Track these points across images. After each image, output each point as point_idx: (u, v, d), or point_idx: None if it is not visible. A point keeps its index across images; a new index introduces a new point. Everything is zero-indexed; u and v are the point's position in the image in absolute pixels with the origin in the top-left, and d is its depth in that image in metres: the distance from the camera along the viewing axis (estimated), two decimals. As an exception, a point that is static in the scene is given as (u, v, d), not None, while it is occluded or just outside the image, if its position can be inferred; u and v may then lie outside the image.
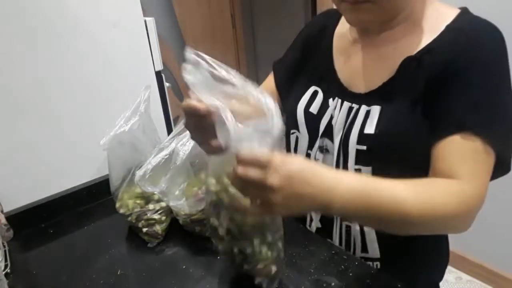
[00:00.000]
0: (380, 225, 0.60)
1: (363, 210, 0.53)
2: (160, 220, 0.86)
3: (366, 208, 0.53)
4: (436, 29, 0.63)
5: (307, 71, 0.81)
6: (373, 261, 0.75)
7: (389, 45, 0.68)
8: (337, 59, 0.76)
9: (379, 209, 0.53)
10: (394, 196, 0.53)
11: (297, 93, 0.79)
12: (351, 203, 0.52)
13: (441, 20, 0.64)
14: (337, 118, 0.71)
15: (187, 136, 0.81)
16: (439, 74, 0.60)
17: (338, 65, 0.75)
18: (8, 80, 0.90)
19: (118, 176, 0.92)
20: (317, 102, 0.75)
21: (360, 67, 0.71)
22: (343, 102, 0.71)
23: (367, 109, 0.67)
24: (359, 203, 0.52)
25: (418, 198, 0.54)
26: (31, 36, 0.91)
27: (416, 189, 0.55)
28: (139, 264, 0.81)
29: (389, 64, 0.66)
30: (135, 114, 0.95)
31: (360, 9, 0.61)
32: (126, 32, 1.06)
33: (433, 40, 0.63)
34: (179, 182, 0.82)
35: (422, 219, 0.54)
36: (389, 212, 0.53)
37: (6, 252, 0.84)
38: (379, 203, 0.53)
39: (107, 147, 0.90)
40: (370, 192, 0.53)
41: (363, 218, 0.58)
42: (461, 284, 1.79)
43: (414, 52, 0.64)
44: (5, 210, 0.93)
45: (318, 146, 0.74)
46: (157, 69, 1.16)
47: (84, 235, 0.94)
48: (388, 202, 0.53)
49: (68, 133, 1.01)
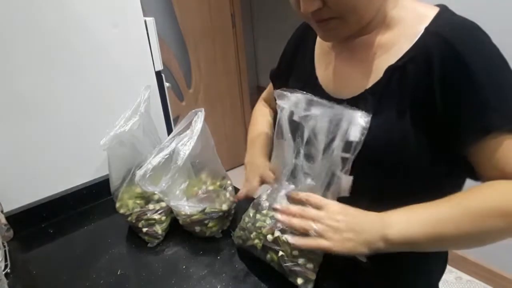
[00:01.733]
0: (446, 247, 0.65)
1: (421, 236, 0.55)
2: (160, 220, 0.86)
3: (426, 233, 0.55)
4: (415, 32, 0.61)
5: (293, 78, 0.81)
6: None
7: (367, 50, 0.66)
8: (319, 66, 0.75)
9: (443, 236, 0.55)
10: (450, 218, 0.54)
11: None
12: (399, 239, 0.55)
13: (419, 22, 0.61)
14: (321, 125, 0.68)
15: (188, 136, 0.81)
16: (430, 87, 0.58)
17: (319, 72, 0.75)
18: (8, 81, 0.90)
19: (118, 176, 0.92)
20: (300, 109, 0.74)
21: (340, 73, 0.70)
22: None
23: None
24: (416, 230, 0.55)
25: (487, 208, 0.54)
26: (30, 36, 0.91)
27: (482, 200, 0.55)
28: (139, 264, 0.81)
29: (370, 70, 0.65)
30: (135, 114, 0.95)
31: (328, 27, 0.62)
32: (126, 32, 1.06)
33: (414, 45, 0.61)
34: (180, 182, 0.82)
35: (495, 229, 0.54)
36: (455, 237, 0.55)
37: (6, 252, 0.84)
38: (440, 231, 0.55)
39: (107, 147, 0.91)
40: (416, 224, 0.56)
41: (428, 247, 0.60)
42: (461, 284, 1.79)
43: (396, 59, 0.62)
44: (5, 210, 0.93)
45: (303, 154, 0.71)
46: (157, 69, 1.16)
47: (84, 235, 0.94)
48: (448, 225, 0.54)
49: (68, 133, 1.01)
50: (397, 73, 0.61)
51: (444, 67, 0.57)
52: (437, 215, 0.56)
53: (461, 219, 0.54)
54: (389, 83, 0.62)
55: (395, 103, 0.61)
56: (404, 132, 0.60)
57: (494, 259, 1.73)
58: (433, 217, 0.56)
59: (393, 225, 0.56)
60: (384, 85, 0.63)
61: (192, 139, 0.79)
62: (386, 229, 0.56)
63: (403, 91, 0.61)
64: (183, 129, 0.84)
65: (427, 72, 0.58)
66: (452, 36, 0.57)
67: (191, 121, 0.83)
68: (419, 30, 0.61)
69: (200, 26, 2.53)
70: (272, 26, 3.34)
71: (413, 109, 0.60)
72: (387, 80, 0.62)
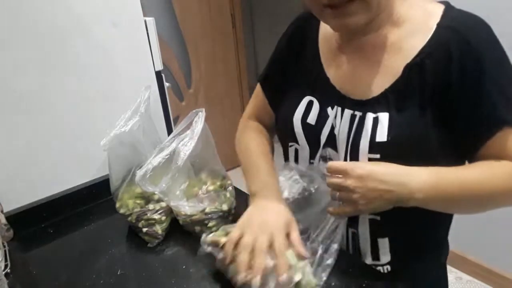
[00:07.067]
0: (457, 209, 0.69)
1: (441, 199, 0.62)
2: (160, 220, 0.86)
3: (444, 197, 0.61)
4: (428, 29, 0.62)
5: (298, 81, 0.77)
6: (383, 266, 0.75)
7: (379, 50, 0.66)
8: (328, 66, 0.73)
9: (456, 195, 0.61)
10: (468, 181, 0.61)
11: (290, 105, 0.76)
12: (429, 195, 0.60)
13: (429, 18, 0.63)
14: (340, 127, 0.68)
15: (188, 136, 0.81)
16: (450, 83, 0.60)
17: (330, 73, 0.73)
18: (8, 81, 0.90)
19: (118, 176, 0.92)
20: (314, 112, 0.72)
21: (354, 73, 0.69)
22: (344, 110, 0.69)
23: (374, 116, 0.65)
24: (437, 194, 0.61)
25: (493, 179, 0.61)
26: (30, 36, 0.91)
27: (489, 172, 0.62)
28: (139, 264, 0.81)
29: (386, 69, 0.65)
30: (135, 115, 0.95)
31: (345, 13, 0.59)
32: (126, 32, 1.06)
33: (428, 41, 0.62)
34: (180, 182, 0.82)
35: (498, 197, 0.63)
36: (466, 196, 0.62)
37: (6, 252, 0.84)
38: (455, 191, 0.61)
39: (107, 148, 0.91)
40: (447, 181, 0.61)
41: (442, 206, 0.65)
42: (461, 284, 1.79)
43: (411, 57, 0.63)
44: (5, 210, 0.93)
45: (320, 156, 0.72)
46: (157, 69, 1.16)
47: (84, 235, 0.94)
48: (463, 186, 0.61)
49: (68, 133, 1.01)
50: (416, 70, 0.62)
51: (463, 62, 0.59)
52: (461, 179, 0.61)
53: (479, 186, 0.61)
54: (409, 80, 0.63)
55: (416, 100, 0.63)
56: (426, 127, 0.62)
57: (494, 259, 1.73)
58: (459, 180, 0.61)
59: (417, 192, 0.60)
60: (404, 83, 0.64)
61: (193, 140, 0.79)
62: (412, 195, 0.60)
63: (423, 87, 0.62)
64: (184, 129, 0.84)
65: (447, 68, 0.60)
66: (467, 31, 0.60)
67: (192, 121, 0.83)
68: (431, 26, 0.62)
69: (200, 26, 2.53)
70: (272, 26, 3.34)
71: (433, 104, 0.62)
72: (406, 78, 0.63)
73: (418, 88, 0.62)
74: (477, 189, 0.61)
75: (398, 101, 0.64)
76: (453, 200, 0.62)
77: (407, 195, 0.60)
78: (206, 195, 0.84)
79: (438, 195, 0.61)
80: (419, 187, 0.59)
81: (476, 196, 0.62)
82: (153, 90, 1.15)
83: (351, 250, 0.77)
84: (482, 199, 0.63)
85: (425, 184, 0.60)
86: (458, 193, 0.61)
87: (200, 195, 0.84)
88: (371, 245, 0.73)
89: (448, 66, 0.60)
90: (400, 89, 0.64)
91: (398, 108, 0.63)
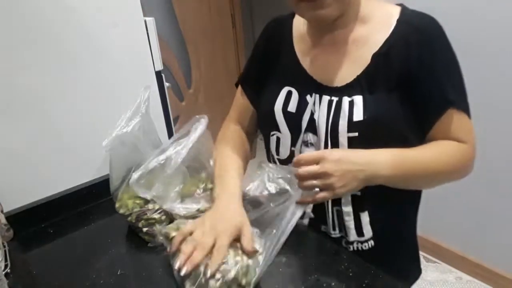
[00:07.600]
0: (415, 183, 0.78)
1: (402, 175, 0.71)
2: (160, 219, 0.86)
3: (405, 173, 0.70)
4: (389, 25, 0.73)
5: (276, 75, 0.85)
6: (367, 241, 0.81)
7: (350, 43, 0.76)
8: (304, 61, 0.81)
9: (414, 171, 0.71)
10: (422, 159, 0.72)
11: (271, 96, 0.82)
12: (393, 171, 0.69)
13: (390, 17, 0.74)
14: (319, 112, 0.76)
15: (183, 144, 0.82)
16: (410, 68, 0.70)
17: (306, 65, 0.80)
18: (8, 80, 0.90)
19: (118, 176, 0.92)
20: (293, 101, 0.79)
21: (329, 64, 0.78)
22: (322, 97, 0.76)
23: (349, 99, 0.73)
24: (399, 170, 0.70)
25: (442, 157, 0.73)
26: (30, 36, 0.91)
27: (438, 151, 0.73)
28: (139, 264, 0.81)
29: (356, 59, 0.75)
30: (136, 115, 0.95)
31: (319, 5, 0.67)
32: (126, 32, 1.06)
33: (391, 34, 0.72)
34: (174, 185, 0.82)
35: (445, 172, 0.75)
36: (421, 172, 0.72)
37: (6, 252, 0.84)
38: (413, 167, 0.71)
39: (109, 148, 0.91)
40: (406, 160, 0.71)
41: (403, 181, 0.74)
42: (461, 284, 1.79)
43: (378, 47, 0.73)
44: (5, 210, 0.93)
45: (302, 141, 0.78)
46: (157, 69, 1.16)
47: (84, 235, 0.95)
48: (419, 164, 0.71)
49: (68, 133, 1.01)
50: (382, 58, 0.72)
51: (419, 50, 0.70)
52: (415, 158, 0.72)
53: (429, 163, 0.72)
54: (377, 67, 0.73)
55: (385, 84, 0.72)
56: (396, 107, 0.71)
57: (494, 259, 1.73)
58: (415, 158, 0.72)
59: (382, 171, 0.69)
60: (373, 69, 0.73)
61: (186, 148, 0.80)
62: (378, 173, 0.69)
63: (390, 72, 0.72)
64: (185, 134, 0.84)
65: (407, 55, 0.70)
66: (421, 24, 0.72)
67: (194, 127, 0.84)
68: (392, 22, 0.73)
69: (200, 26, 2.53)
70: (272, 26, 3.33)
71: (399, 87, 0.71)
72: (375, 65, 0.73)
73: (385, 73, 0.72)
74: (430, 166, 0.72)
75: (370, 85, 0.73)
76: (413, 175, 0.72)
77: (374, 172, 0.68)
78: (202, 194, 0.84)
79: (400, 171, 0.70)
80: (384, 165, 0.69)
81: (430, 172, 0.73)
82: (153, 90, 1.15)
83: (337, 228, 0.81)
84: (433, 174, 0.74)
85: (389, 162, 0.69)
86: (415, 169, 0.71)
87: (196, 195, 0.84)
88: (354, 220, 0.79)
89: (408, 54, 0.70)
90: (370, 75, 0.73)
91: (370, 91, 0.72)
